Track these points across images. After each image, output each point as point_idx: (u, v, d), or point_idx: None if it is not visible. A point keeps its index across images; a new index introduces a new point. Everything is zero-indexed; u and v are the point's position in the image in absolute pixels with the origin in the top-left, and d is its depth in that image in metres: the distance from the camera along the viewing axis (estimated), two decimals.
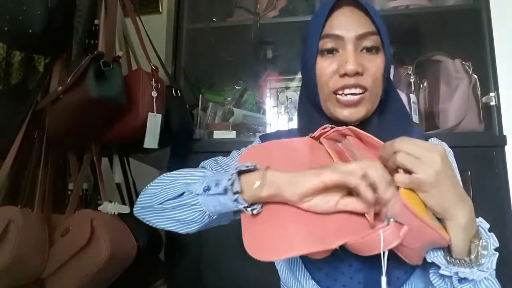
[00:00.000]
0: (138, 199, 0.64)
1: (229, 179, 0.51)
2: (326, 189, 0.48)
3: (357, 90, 0.64)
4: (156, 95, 1.05)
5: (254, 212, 0.51)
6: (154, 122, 1.04)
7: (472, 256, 0.51)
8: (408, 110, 1.23)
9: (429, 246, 0.52)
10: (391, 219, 0.46)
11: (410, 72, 1.31)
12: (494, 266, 0.53)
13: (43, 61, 1.41)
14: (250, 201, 0.51)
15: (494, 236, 0.54)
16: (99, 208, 1.04)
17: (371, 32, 0.64)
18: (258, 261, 0.46)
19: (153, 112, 1.04)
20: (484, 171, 1.14)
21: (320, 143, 0.63)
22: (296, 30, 1.46)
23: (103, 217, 1.01)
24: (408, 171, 0.48)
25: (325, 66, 0.66)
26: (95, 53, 0.97)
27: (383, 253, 0.46)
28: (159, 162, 1.41)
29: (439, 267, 0.53)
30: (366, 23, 0.64)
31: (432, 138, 0.74)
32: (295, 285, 0.66)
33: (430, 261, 0.53)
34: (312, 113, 0.72)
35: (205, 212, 0.54)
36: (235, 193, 0.50)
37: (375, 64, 0.64)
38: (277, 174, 0.50)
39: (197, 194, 0.53)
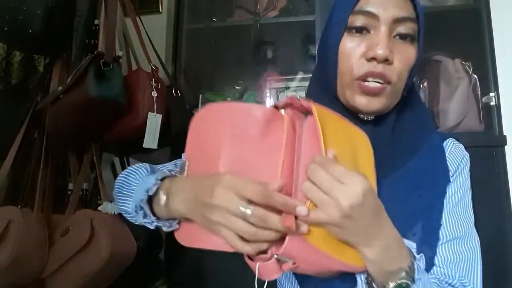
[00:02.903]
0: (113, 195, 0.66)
1: (140, 208, 0.53)
2: None
3: (381, 81, 0.56)
4: (156, 95, 1.05)
5: (171, 229, 0.51)
6: (154, 122, 1.04)
7: None
8: None
9: (334, 271, 0.48)
10: (275, 256, 0.42)
11: None
12: None
13: (43, 61, 1.41)
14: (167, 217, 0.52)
15: (423, 281, 0.49)
16: (99, 208, 1.04)
17: (410, 18, 0.56)
18: None
19: (153, 112, 1.04)
20: (484, 171, 1.14)
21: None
22: (296, 30, 1.46)
23: (103, 217, 1.00)
24: None
25: (351, 47, 0.57)
26: (95, 53, 0.97)
27: (262, 281, 0.43)
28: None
29: None
30: (407, 7, 0.57)
31: (449, 139, 0.68)
32: (288, 285, 0.65)
33: (356, 276, 0.51)
34: (322, 100, 0.62)
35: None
36: (152, 222, 0.53)
37: (406, 55, 0.57)
38: (178, 199, 0.49)
39: (132, 217, 0.57)
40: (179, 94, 1.19)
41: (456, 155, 0.66)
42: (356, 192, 0.42)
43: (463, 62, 1.27)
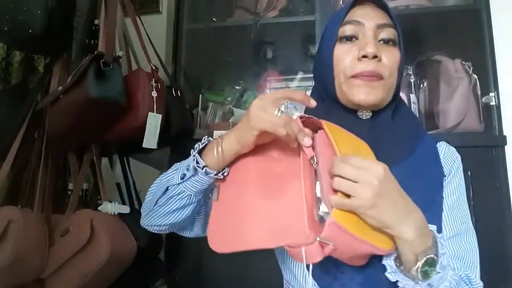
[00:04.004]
0: (141, 211, 0.71)
1: (193, 159, 0.60)
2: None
3: (374, 76, 0.63)
4: (156, 95, 1.05)
5: (225, 174, 0.61)
6: (154, 122, 1.04)
7: (413, 270, 0.52)
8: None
9: (366, 254, 0.54)
10: (317, 239, 0.48)
11: (410, 72, 1.31)
12: (438, 285, 0.53)
13: (43, 61, 1.41)
14: (218, 167, 0.60)
15: (446, 256, 0.55)
16: (99, 208, 1.04)
17: (390, 25, 0.66)
18: (258, 261, 0.47)
19: (153, 112, 1.04)
20: (484, 171, 1.14)
21: None
22: (296, 30, 1.46)
23: (103, 217, 1.01)
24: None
25: (343, 52, 0.66)
26: (95, 53, 0.97)
27: (307, 266, 0.48)
28: (159, 162, 1.41)
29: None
30: (386, 16, 0.67)
31: (441, 142, 0.72)
32: (297, 284, 0.66)
33: (383, 262, 0.55)
34: (321, 108, 0.69)
35: (191, 195, 0.62)
36: (203, 168, 0.59)
37: (391, 55, 0.65)
38: (227, 136, 0.60)
39: (178, 184, 0.62)
40: (179, 94, 1.19)
41: (449, 157, 0.70)
42: (379, 170, 0.51)
43: (463, 62, 1.26)
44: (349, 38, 0.66)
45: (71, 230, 0.99)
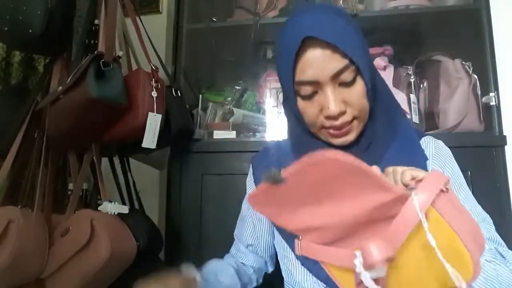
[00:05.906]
0: None
1: None
2: None
3: (345, 127, 0.64)
4: (156, 95, 1.05)
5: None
6: (154, 122, 1.04)
7: None
8: (407, 109, 1.23)
9: None
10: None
11: (410, 72, 1.31)
12: None
13: (43, 61, 1.41)
14: None
15: None
16: (99, 208, 1.04)
17: (343, 68, 0.60)
18: None
19: (153, 112, 1.04)
20: (484, 171, 1.14)
21: None
22: None
23: (103, 217, 1.00)
24: None
25: (307, 106, 0.64)
26: (95, 53, 0.97)
27: None
28: (159, 162, 1.41)
29: None
30: (337, 60, 0.60)
31: (426, 137, 0.74)
32: (297, 285, 0.67)
33: None
34: (302, 133, 0.71)
35: None
36: None
37: (355, 94, 0.62)
38: None
39: None
40: (179, 94, 1.19)
41: (440, 151, 0.72)
42: None
43: (463, 62, 1.26)
44: (309, 96, 0.63)
45: (71, 230, 0.99)
